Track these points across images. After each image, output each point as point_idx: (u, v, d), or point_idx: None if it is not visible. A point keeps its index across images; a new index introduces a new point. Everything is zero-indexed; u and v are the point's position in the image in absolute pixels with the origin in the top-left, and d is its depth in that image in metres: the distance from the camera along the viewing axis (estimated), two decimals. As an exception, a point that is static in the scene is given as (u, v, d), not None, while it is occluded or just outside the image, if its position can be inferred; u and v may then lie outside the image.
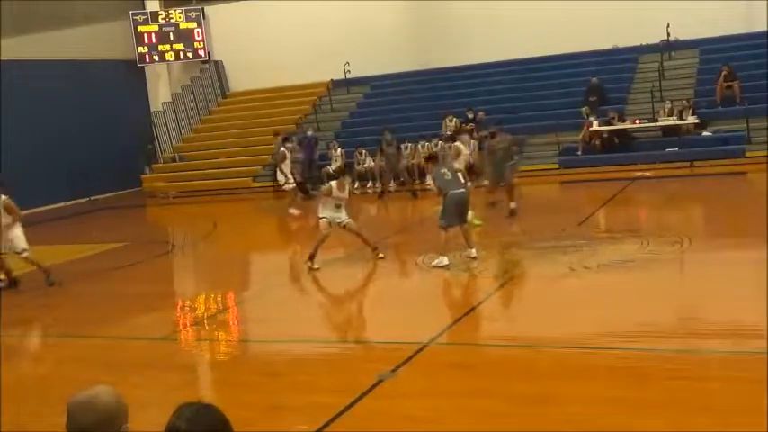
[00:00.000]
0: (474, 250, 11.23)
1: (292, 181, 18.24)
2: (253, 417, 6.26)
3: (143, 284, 12.73)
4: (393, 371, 7.03)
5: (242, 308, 11.00)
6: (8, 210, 11.82)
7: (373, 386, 6.71)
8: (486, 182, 16.20)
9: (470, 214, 12.50)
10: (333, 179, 12.52)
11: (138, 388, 6.97)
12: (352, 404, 6.34)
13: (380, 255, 12.02)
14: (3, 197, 11.74)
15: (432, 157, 12.99)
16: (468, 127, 20.17)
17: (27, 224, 13.12)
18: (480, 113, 21.61)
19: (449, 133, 21.40)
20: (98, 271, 13.50)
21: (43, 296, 12.57)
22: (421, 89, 24.38)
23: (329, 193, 11.96)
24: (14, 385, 8.05)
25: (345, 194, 12.06)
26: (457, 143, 15.45)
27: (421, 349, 7.61)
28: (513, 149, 15.90)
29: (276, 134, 19.05)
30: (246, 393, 7.03)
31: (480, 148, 18.97)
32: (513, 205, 14.87)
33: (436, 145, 20.85)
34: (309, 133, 22.93)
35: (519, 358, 7.31)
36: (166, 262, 15.09)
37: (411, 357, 7.38)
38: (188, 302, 11.62)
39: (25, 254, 12.26)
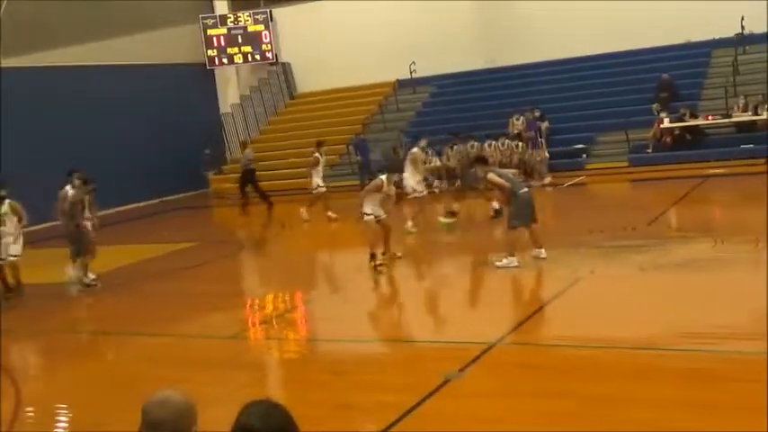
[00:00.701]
0: (543, 251, 11.09)
1: (323, 186, 17.82)
2: (320, 415, 6.29)
3: (212, 283, 12.93)
4: (460, 371, 6.99)
5: (309, 307, 11.08)
6: (14, 212, 11.52)
7: (440, 386, 6.67)
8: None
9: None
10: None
11: (205, 386, 7.07)
12: (418, 404, 6.32)
13: (398, 254, 12.19)
14: (7, 201, 11.46)
15: (480, 159, 12.78)
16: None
17: (104, 224, 13.47)
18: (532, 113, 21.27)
19: (515, 132, 21.25)
20: (169, 270, 13.76)
21: (115, 294, 12.88)
22: (487, 88, 24.22)
23: (380, 189, 12.00)
24: (86, 381, 8.27)
25: (392, 191, 12.18)
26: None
27: (488, 349, 7.55)
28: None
29: (319, 144, 18.61)
30: (314, 392, 7.07)
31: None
32: (495, 205, 14.82)
33: (503, 144, 20.71)
34: (363, 136, 23.01)
35: (588, 359, 7.19)
36: (235, 261, 15.31)
37: (478, 357, 7.33)
38: (256, 301, 11.76)
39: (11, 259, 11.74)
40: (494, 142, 20.87)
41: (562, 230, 13.36)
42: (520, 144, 20.64)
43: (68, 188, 12.99)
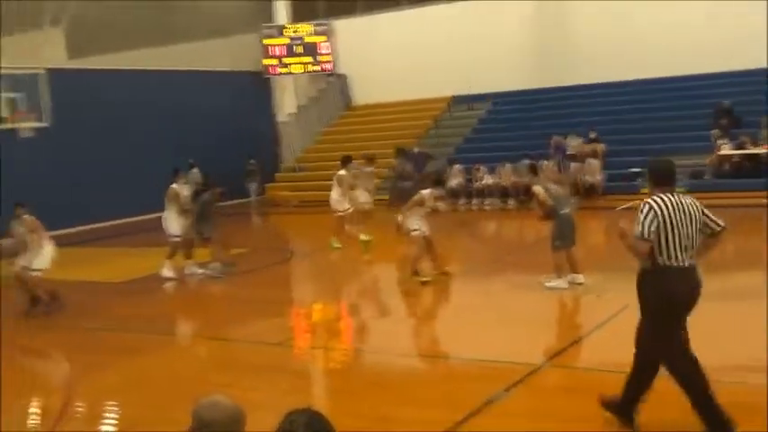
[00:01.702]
0: (581, 276, 10.95)
1: (347, 207, 16.27)
2: (361, 427, 6.30)
3: (262, 290, 13.05)
4: (505, 391, 6.94)
5: (355, 318, 11.11)
6: (31, 229, 11.38)
7: (484, 405, 6.64)
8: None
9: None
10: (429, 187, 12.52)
11: (250, 391, 7.13)
12: (461, 422, 6.29)
13: (426, 279, 11.91)
14: (27, 216, 11.40)
15: (532, 168, 12.66)
16: None
17: (154, 228, 13.80)
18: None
19: (570, 152, 21.08)
20: (224, 275, 13.91)
21: (167, 297, 13.11)
22: (543, 107, 24.09)
23: (422, 203, 12.03)
24: (134, 381, 8.39)
25: (437, 205, 12.18)
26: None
27: (534, 371, 7.48)
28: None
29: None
30: (356, 403, 7.08)
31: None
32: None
33: (557, 164, 20.55)
34: (416, 150, 23.01)
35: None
36: (285, 269, 15.43)
37: (524, 378, 7.27)
38: (304, 310, 11.84)
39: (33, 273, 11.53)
40: (546, 162, 20.73)
41: (613, 254, 13.17)
42: (572, 165, 20.47)
43: (175, 185, 13.92)
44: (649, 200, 5.66)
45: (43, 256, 11.28)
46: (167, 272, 13.81)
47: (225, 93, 26.27)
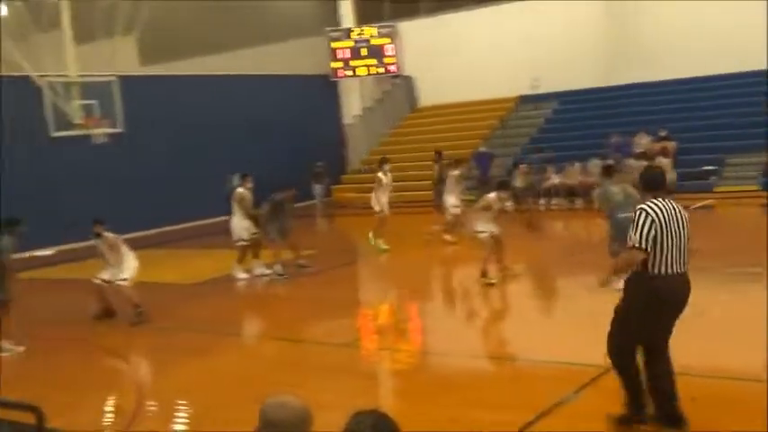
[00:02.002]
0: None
1: (384, 209, 16.44)
2: (429, 429, 6.28)
3: (329, 291, 13.14)
4: (575, 393, 6.85)
5: (423, 319, 11.10)
6: (111, 248, 11.39)
7: (554, 407, 6.56)
8: None
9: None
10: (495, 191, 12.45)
11: (318, 391, 7.17)
12: (530, 423, 6.23)
13: (493, 281, 11.81)
14: (108, 234, 11.42)
15: (608, 169, 12.40)
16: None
17: (222, 230, 14.04)
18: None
19: (639, 151, 20.70)
20: (291, 276, 14.05)
21: (236, 298, 13.31)
22: (612, 105, 23.70)
23: (489, 208, 11.98)
24: (204, 380, 8.54)
25: (504, 206, 12.09)
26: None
27: (605, 372, 7.36)
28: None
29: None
30: (423, 405, 7.06)
31: None
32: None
33: (617, 163, 20.20)
34: (482, 149, 22.85)
35: (712, 390, 6.89)
36: (352, 270, 15.51)
37: (594, 380, 7.16)
38: (371, 311, 11.87)
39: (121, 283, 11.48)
40: (628, 161, 20.39)
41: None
42: (644, 164, 20.08)
43: (241, 189, 14.19)
44: (643, 206, 5.63)
45: (127, 269, 11.37)
46: (240, 274, 14.06)
47: (293, 96, 26.52)
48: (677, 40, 22.68)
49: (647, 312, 5.60)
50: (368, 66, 28.62)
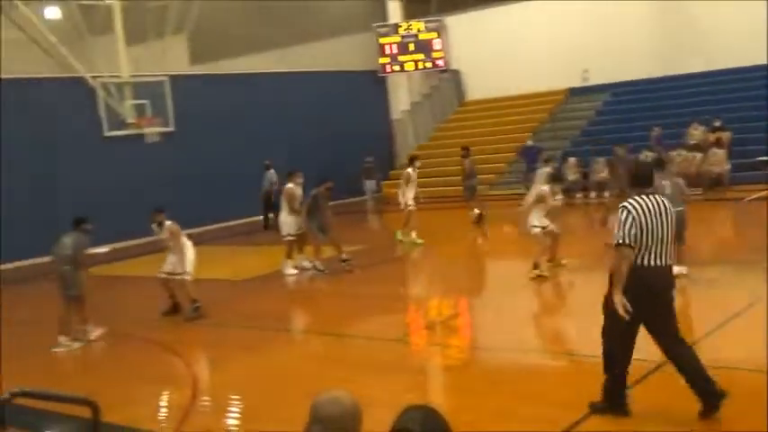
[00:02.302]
0: (684, 268, 10.56)
1: (412, 204, 16.57)
2: (479, 424, 6.28)
3: (377, 286, 13.18)
4: (627, 389, 6.76)
5: (472, 314, 11.08)
6: (172, 236, 11.47)
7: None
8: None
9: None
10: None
11: (368, 387, 7.20)
12: (580, 420, 6.18)
13: (544, 274, 11.68)
14: (167, 222, 11.48)
15: (658, 162, 12.14)
16: None
17: (271, 227, 14.18)
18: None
19: (693, 142, 20.38)
20: (337, 271, 14.12)
21: (286, 294, 13.42)
22: (663, 96, 23.32)
23: (543, 200, 11.88)
24: (256, 375, 8.63)
25: (555, 199, 12.01)
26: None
27: (657, 368, 7.27)
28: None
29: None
30: (473, 400, 7.05)
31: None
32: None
33: (679, 155, 19.92)
34: (530, 143, 22.68)
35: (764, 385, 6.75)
36: (400, 266, 15.53)
37: (645, 376, 7.06)
38: (420, 306, 11.88)
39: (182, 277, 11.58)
40: (670, 153, 20.11)
41: (741, 247, 12.68)
42: (698, 155, 19.79)
43: (290, 185, 14.30)
44: (626, 203, 5.84)
45: (189, 260, 11.51)
46: (288, 269, 14.21)
47: (341, 92, 26.60)
48: (731, 28, 22.21)
49: (632, 303, 5.76)
50: (415, 61, 28.60)
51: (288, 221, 14.19)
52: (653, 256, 5.77)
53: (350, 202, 25.53)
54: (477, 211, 18.23)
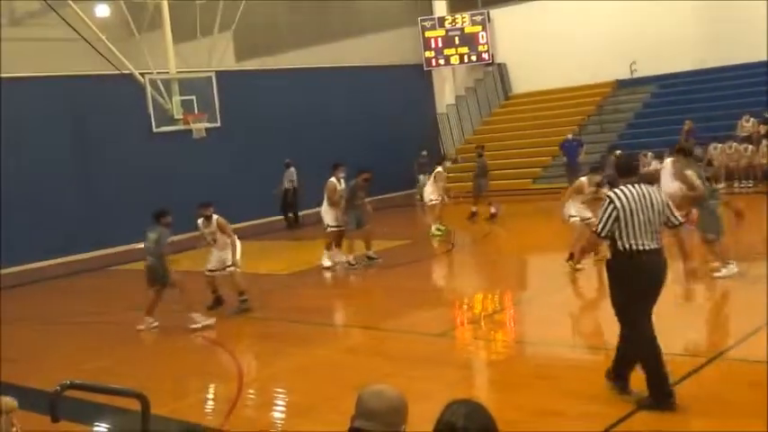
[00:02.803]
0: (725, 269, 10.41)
1: (436, 199, 17.25)
2: (522, 419, 6.26)
3: (423, 281, 13.20)
4: (674, 385, 6.69)
5: (518, 309, 11.02)
6: (221, 229, 11.55)
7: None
8: None
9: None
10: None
11: (413, 381, 7.23)
12: (626, 417, 6.13)
13: (581, 267, 11.53)
14: (215, 216, 11.59)
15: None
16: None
17: (317, 222, 14.30)
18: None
19: (744, 134, 20.02)
20: (385, 266, 14.16)
21: (329, 288, 13.50)
22: (713, 88, 22.89)
23: (581, 191, 11.78)
24: (301, 368, 8.71)
25: (598, 191, 11.90)
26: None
27: (704, 364, 7.18)
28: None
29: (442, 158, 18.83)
30: (517, 395, 7.03)
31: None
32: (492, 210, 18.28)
33: (730, 147, 19.59)
34: (570, 137, 22.47)
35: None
36: (446, 260, 15.51)
37: (692, 372, 6.98)
38: (465, 301, 11.85)
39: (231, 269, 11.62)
40: (720, 145, 19.79)
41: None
42: (749, 147, 19.43)
43: (332, 179, 14.42)
44: (610, 192, 6.25)
45: (237, 251, 11.57)
46: (327, 262, 14.31)
47: (387, 86, 26.62)
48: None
49: (622, 286, 6.25)
50: (460, 54, 28.48)
51: (329, 213, 14.25)
52: (641, 240, 6.07)
53: (398, 195, 25.59)
54: (474, 209, 19.17)
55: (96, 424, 7.67)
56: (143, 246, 11.34)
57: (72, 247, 19.08)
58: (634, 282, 6.16)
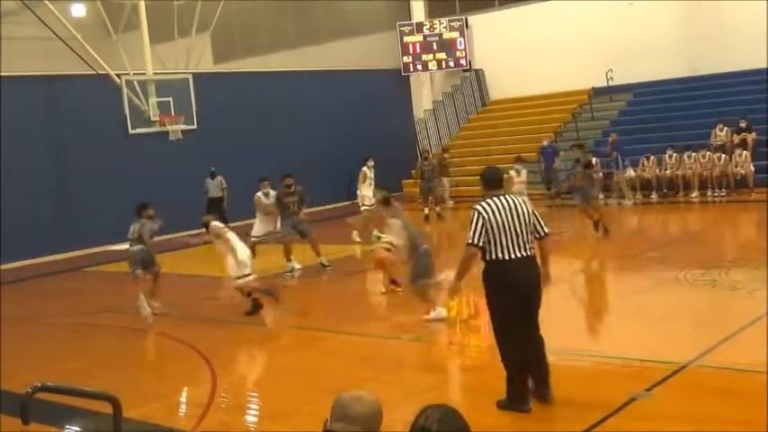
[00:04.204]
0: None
1: (369, 204, 16.82)
2: (497, 424, 6.27)
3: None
4: (647, 390, 6.74)
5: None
6: (217, 235, 11.39)
7: (625, 404, 6.47)
8: None
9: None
10: None
11: (388, 386, 7.22)
12: (601, 421, 6.16)
13: None
14: (213, 223, 11.52)
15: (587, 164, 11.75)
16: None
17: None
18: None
19: (718, 143, 20.22)
20: (357, 271, 14.13)
21: (305, 292, 13.45)
22: (689, 96, 23.12)
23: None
24: (276, 373, 8.67)
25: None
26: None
27: (679, 370, 7.23)
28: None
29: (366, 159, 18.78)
30: (493, 400, 7.03)
31: None
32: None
33: (704, 156, 19.78)
34: (545, 143, 22.62)
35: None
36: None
37: (667, 378, 7.03)
38: (441, 305, 11.83)
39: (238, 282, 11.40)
40: (694, 154, 19.99)
41: (764, 250, 12.57)
42: (722, 156, 19.63)
43: (259, 194, 14.55)
44: (477, 205, 6.43)
45: (241, 259, 11.16)
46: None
47: (364, 91, 26.60)
48: (756, 28, 21.95)
49: (496, 295, 6.47)
50: (438, 60, 28.56)
51: (255, 225, 14.59)
52: (510, 249, 6.29)
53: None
54: (426, 211, 19.88)
55: (68, 427, 7.59)
56: (128, 237, 11.75)
57: (46, 249, 18.88)
58: (507, 290, 6.36)
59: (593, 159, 17.95)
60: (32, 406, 4.46)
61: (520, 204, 6.42)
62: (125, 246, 12.24)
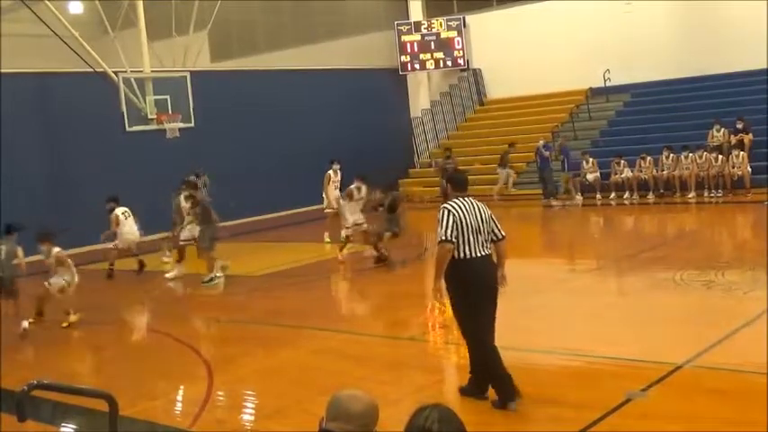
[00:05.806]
0: None
1: (334, 207, 17.19)
2: (494, 424, 6.27)
3: (394, 285, 13.17)
4: (643, 390, 6.75)
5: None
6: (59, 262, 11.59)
7: (621, 404, 6.48)
8: None
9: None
10: None
11: (384, 385, 7.23)
12: (596, 421, 6.16)
13: None
14: (55, 249, 11.66)
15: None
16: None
17: (289, 224, 14.23)
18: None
19: (714, 144, 20.24)
20: (354, 269, 14.13)
21: (300, 290, 13.44)
22: (686, 97, 23.14)
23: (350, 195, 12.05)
24: (272, 371, 8.67)
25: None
26: None
27: (675, 370, 7.24)
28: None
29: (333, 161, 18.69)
30: (487, 399, 7.03)
31: None
32: None
33: (700, 156, 19.80)
34: (542, 143, 22.63)
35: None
36: (418, 264, 15.50)
37: (664, 378, 7.04)
38: (437, 305, 11.83)
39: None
40: (691, 154, 19.99)
41: (761, 250, 12.57)
42: (719, 157, 19.65)
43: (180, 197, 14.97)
44: (446, 204, 6.68)
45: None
46: (171, 273, 14.66)
47: (362, 89, 26.58)
48: (753, 29, 21.99)
49: (461, 292, 6.68)
50: (436, 59, 28.56)
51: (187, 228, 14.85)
52: (473, 248, 6.58)
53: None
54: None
55: (64, 424, 7.58)
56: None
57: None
58: (471, 286, 6.63)
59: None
60: (29, 403, 4.46)
61: (482, 207, 6.75)
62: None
